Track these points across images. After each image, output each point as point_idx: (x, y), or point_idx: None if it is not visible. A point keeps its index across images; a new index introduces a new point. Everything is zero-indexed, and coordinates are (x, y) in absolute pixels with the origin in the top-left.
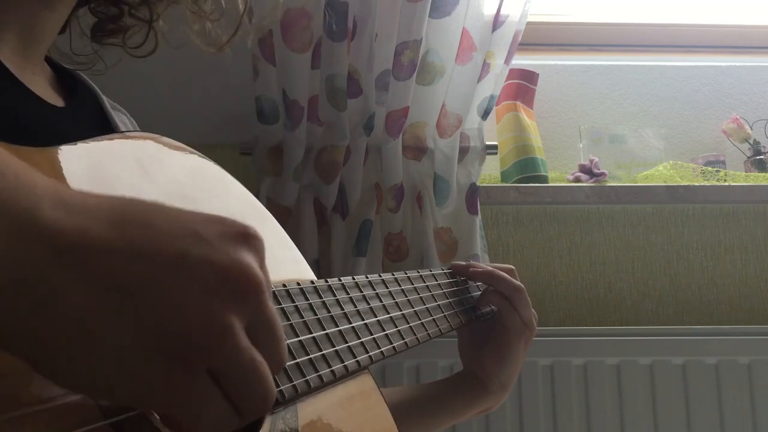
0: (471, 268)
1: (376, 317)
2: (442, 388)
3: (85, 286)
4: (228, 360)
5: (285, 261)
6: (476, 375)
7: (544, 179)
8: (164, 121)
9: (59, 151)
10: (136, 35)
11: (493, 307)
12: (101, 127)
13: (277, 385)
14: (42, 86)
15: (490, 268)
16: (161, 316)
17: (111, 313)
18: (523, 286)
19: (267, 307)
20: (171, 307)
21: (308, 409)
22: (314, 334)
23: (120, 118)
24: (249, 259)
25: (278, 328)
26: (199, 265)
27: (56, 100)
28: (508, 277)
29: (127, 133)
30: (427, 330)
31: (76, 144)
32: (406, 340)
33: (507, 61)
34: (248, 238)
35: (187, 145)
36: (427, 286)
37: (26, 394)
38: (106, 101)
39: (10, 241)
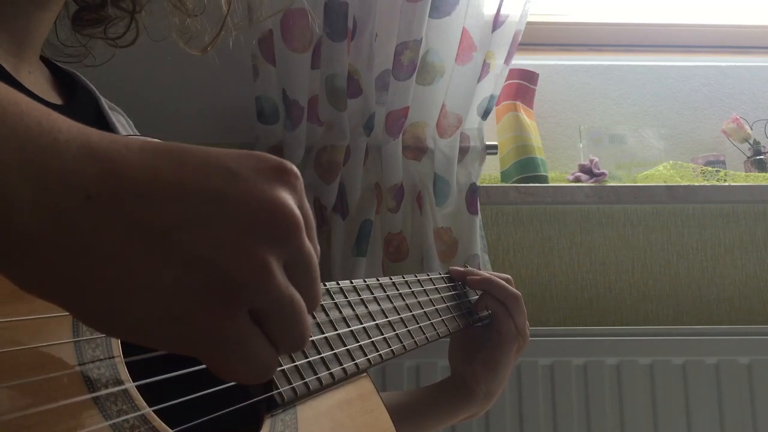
0: (468, 276)
1: (375, 321)
2: (429, 394)
3: (118, 230)
4: (268, 298)
5: None
6: (464, 381)
7: (544, 179)
8: (164, 121)
9: None
10: (117, 26)
11: (488, 311)
12: (100, 127)
13: (277, 388)
14: (39, 85)
15: (488, 275)
16: (200, 256)
17: (149, 255)
18: (520, 294)
19: (304, 245)
20: (209, 247)
21: (307, 412)
22: (313, 338)
23: (117, 119)
24: (284, 195)
25: (315, 267)
26: (234, 203)
27: (55, 99)
28: (506, 284)
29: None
30: (425, 334)
31: None
32: (404, 343)
33: (507, 61)
34: (284, 173)
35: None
36: (425, 290)
37: (24, 396)
38: (104, 102)
39: (39, 191)
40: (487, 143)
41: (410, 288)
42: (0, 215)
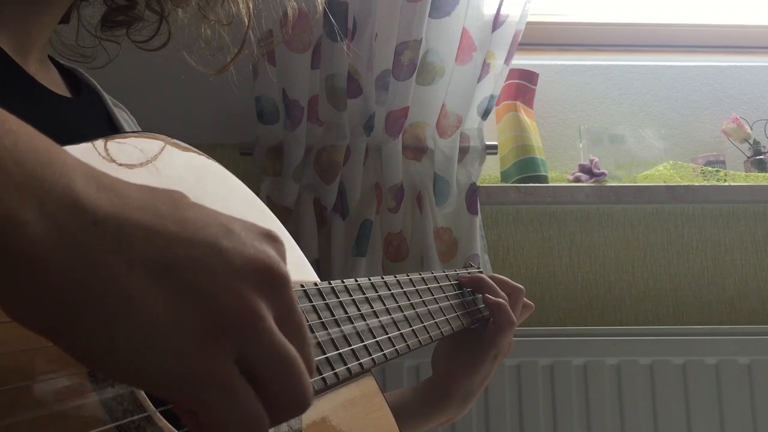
0: (487, 295)
1: (379, 320)
2: (406, 397)
3: (121, 258)
4: (260, 345)
5: (288, 263)
6: (442, 382)
7: (544, 179)
8: (164, 121)
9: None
10: (146, 29)
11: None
12: (106, 123)
13: None
14: (48, 80)
15: (503, 301)
16: (197, 293)
17: (149, 286)
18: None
19: (293, 302)
20: (207, 286)
21: (312, 412)
22: (318, 337)
23: (122, 116)
24: (273, 253)
25: (305, 326)
26: (229, 253)
27: (65, 93)
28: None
29: (134, 133)
30: (429, 332)
31: (85, 144)
32: (408, 342)
33: (507, 61)
34: (270, 238)
35: (188, 145)
36: (429, 288)
37: (31, 397)
38: (108, 98)
39: (46, 212)
40: (487, 143)
41: (414, 287)
42: (5, 235)
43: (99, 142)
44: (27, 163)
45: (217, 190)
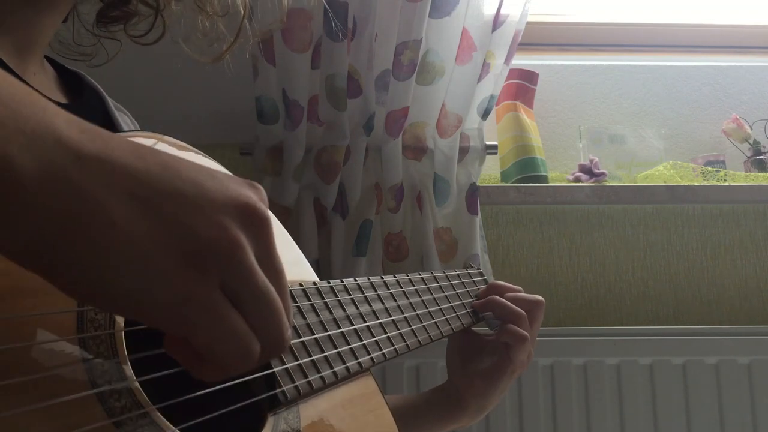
0: (502, 302)
1: (378, 319)
2: (419, 403)
3: (107, 192)
4: (241, 276)
5: (287, 262)
6: (458, 391)
7: (544, 179)
8: (164, 121)
9: None
10: (142, 23)
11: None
12: (105, 126)
13: (280, 386)
14: (44, 86)
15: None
16: (180, 221)
17: (132, 215)
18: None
19: (272, 242)
20: (189, 216)
21: (310, 410)
22: (317, 336)
23: (123, 119)
24: (255, 196)
25: (283, 272)
26: (213, 192)
27: (60, 99)
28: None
29: (132, 133)
30: (428, 332)
31: None
32: (407, 342)
33: (507, 61)
34: (252, 185)
35: (187, 144)
36: (428, 288)
37: (27, 393)
38: (111, 102)
39: (31, 147)
40: (487, 143)
41: (413, 285)
42: None
43: None
44: (10, 103)
45: None
